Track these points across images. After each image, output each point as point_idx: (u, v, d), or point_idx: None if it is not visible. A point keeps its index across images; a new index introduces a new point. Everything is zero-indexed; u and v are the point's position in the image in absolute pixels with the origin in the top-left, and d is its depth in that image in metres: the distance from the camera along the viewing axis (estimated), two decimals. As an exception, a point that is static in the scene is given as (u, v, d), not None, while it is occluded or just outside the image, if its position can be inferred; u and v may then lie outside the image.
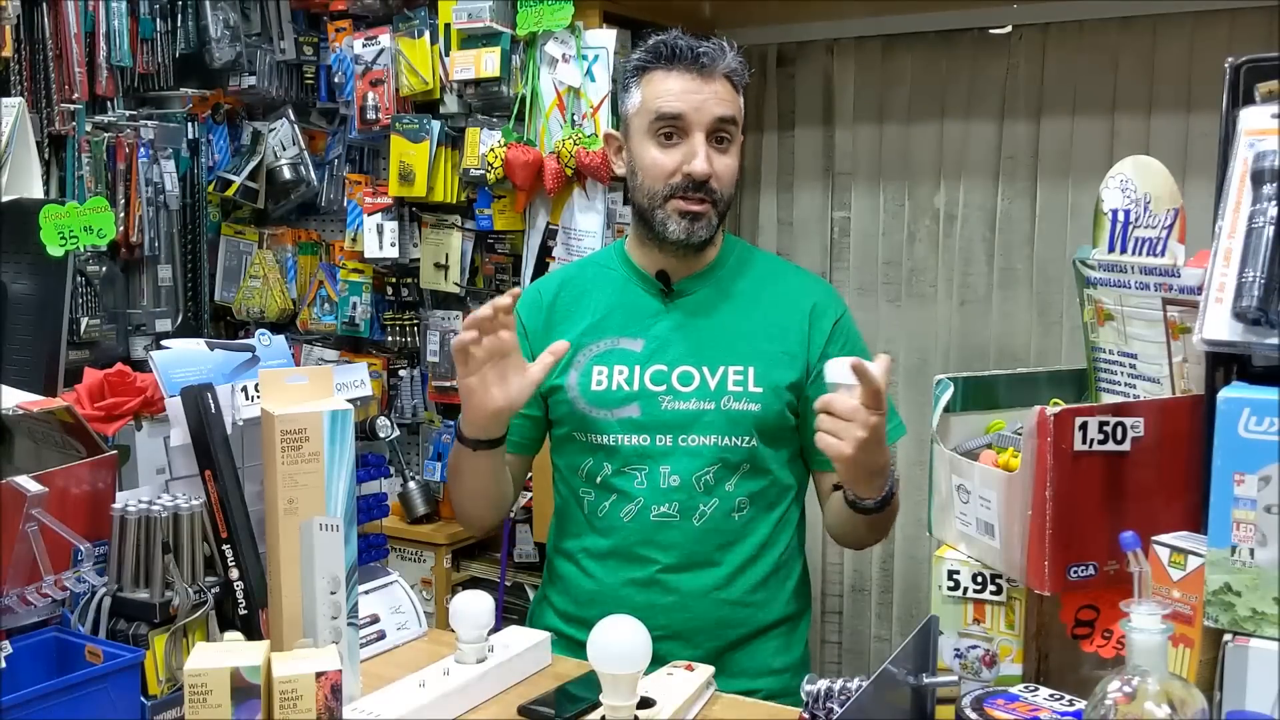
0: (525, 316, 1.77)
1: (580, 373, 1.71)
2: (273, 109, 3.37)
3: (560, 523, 1.80)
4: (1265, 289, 1.04)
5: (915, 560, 3.03)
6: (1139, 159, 1.31)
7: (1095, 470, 1.18)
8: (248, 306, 3.39)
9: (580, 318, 1.75)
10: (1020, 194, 2.90)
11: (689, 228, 1.65)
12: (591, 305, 1.75)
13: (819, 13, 3.04)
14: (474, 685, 1.40)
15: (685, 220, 1.65)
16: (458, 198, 3.04)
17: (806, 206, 3.19)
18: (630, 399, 1.68)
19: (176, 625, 1.31)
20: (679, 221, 1.65)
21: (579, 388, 1.71)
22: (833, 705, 1.27)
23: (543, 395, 1.75)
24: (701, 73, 1.64)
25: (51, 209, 1.70)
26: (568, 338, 1.73)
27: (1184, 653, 1.06)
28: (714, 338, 1.70)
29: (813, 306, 1.73)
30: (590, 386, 1.70)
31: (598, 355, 1.72)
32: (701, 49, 1.65)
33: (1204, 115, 2.64)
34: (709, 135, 1.64)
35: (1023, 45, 2.87)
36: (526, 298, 1.81)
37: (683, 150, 1.64)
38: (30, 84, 2.81)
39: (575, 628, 1.70)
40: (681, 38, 1.67)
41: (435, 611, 2.92)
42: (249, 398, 1.45)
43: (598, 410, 1.69)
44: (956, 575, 1.30)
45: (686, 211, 1.65)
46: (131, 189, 2.99)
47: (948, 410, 1.41)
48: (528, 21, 2.83)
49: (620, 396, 1.69)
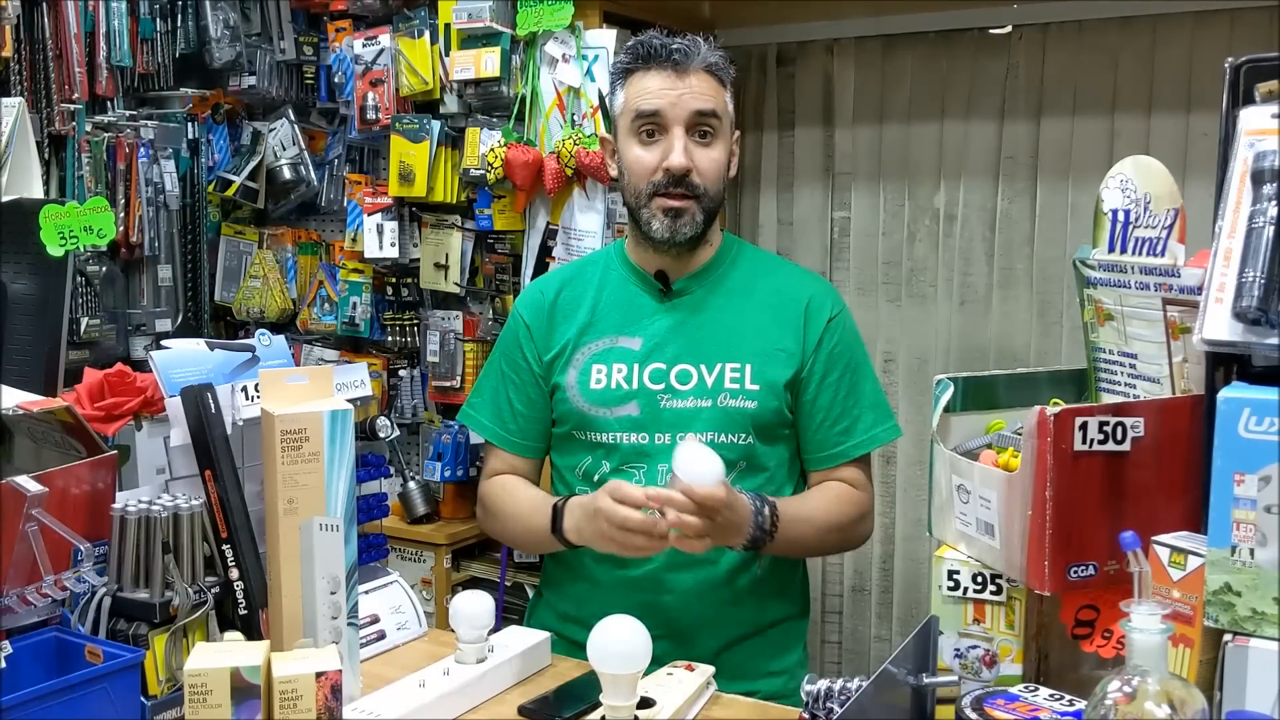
0: (528, 316, 1.78)
1: (579, 371, 1.72)
2: (273, 109, 3.37)
3: None
4: (1265, 289, 1.04)
5: (915, 560, 3.03)
6: (1139, 159, 1.31)
7: (1095, 470, 1.18)
8: (248, 306, 3.39)
9: (580, 316, 1.75)
10: (1020, 194, 2.90)
11: (672, 225, 1.66)
12: (591, 304, 1.76)
13: (819, 13, 3.04)
14: (474, 685, 1.40)
15: (668, 218, 1.66)
16: (458, 198, 3.04)
17: (806, 206, 3.19)
18: (629, 397, 1.69)
19: (176, 625, 1.31)
20: (662, 219, 1.66)
21: (578, 386, 1.71)
22: (833, 705, 1.27)
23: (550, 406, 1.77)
24: (676, 69, 1.65)
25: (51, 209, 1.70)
26: (567, 336, 1.73)
27: (1184, 653, 1.06)
28: (712, 336, 1.70)
29: (808, 303, 1.73)
30: (589, 385, 1.70)
31: (596, 354, 1.72)
32: (674, 45, 1.66)
33: (1204, 115, 2.64)
34: (689, 130, 1.65)
35: (1023, 45, 2.87)
36: (528, 297, 1.82)
37: (663, 147, 1.65)
38: (30, 84, 2.80)
39: (574, 628, 1.70)
40: (657, 37, 1.68)
41: (435, 611, 2.91)
42: (249, 398, 1.45)
43: (597, 409, 1.70)
44: (956, 575, 1.30)
45: (669, 208, 1.65)
46: (131, 189, 2.98)
47: (948, 410, 1.41)
48: (528, 21, 2.83)
49: (619, 395, 1.69)
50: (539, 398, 1.76)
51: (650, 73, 1.66)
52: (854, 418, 1.72)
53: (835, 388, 1.71)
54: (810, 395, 1.71)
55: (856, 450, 1.72)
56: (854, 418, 1.72)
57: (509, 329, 1.82)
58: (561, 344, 1.74)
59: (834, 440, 1.72)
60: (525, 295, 1.86)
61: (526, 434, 1.78)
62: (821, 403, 1.71)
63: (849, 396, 1.72)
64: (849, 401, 1.72)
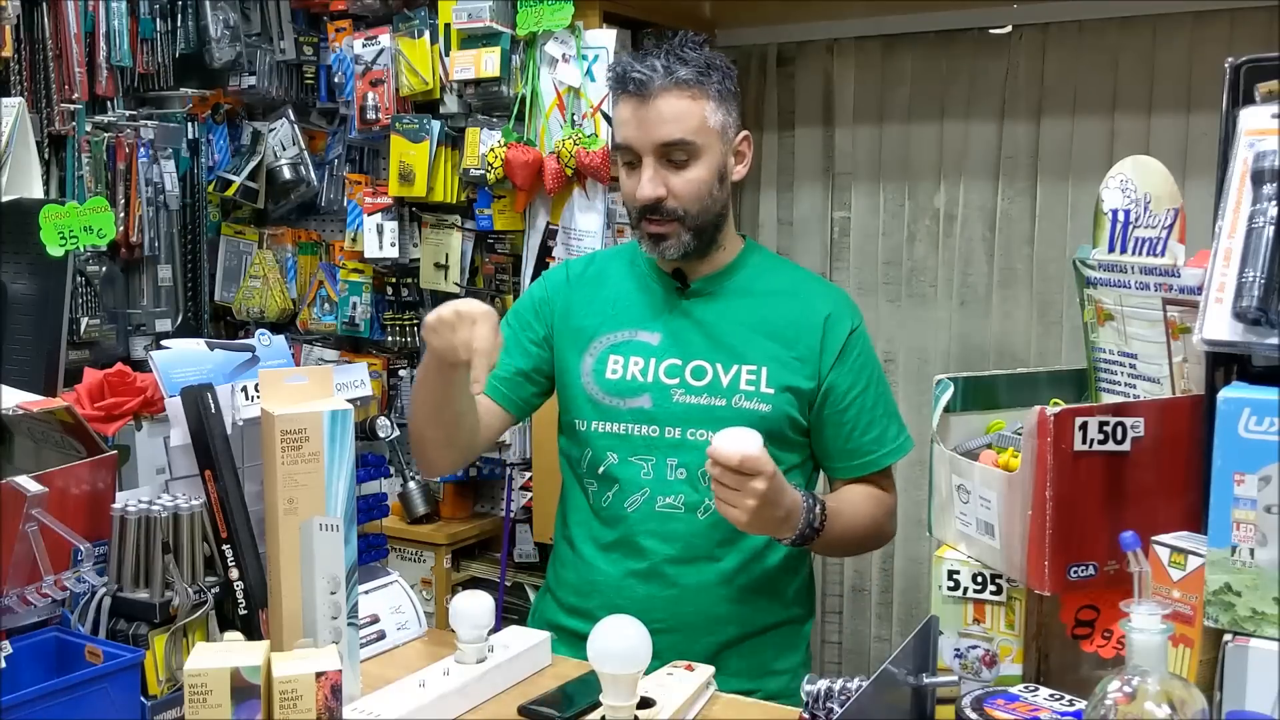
0: (551, 288, 1.82)
1: (595, 359, 1.73)
2: (273, 109, 3.37)
3: (565, 511, 1.81)
4: (1265, 289, 1.04)
5: (915, 560, 3.03)
6: (1139, 159, 1.31)
7: (1095, 470, 1.18)
8: (248, 306, 3.39)
9: (600, 305, 1.77)
10: (1020, 194, 2.90)
11: (656, 248, 1.68)
12: (612, 294, 1.78)
13: (819, 13, 3.05)
14: (474, 685, 1.40)
15: (652, 242, 1.68)
16: (458, 198, 3.04)
17: (806, 206, 3.19)
18: (643, 390, 1.69)
19: (176, 625, 1.31)
20: (649, 243, 1.69)
21: (593, 374, 1.72)
22: (833, 705, 1.27)
23: (542, 371, 1.77)
24: (641, 95, 1.62)
25: (51, 209, 1.70)
26: (586, 323, 1.75)
27: (1184, 653, 1.06)
28: (730, 336, 1.71)
29: (828, 316, 1.73)
30: (605, 374, 1.72)
31: (614, 345, 1.73)
32: (634, 72, 1.62)
33: (1204, 115, 2.64)
34: (659, 158, 1.64)
35: (1023, 45, 2.87)
36: (554, 273, 1.86)
37: (639, 175, 1.66)
38: (30, 84, 2.81)
39: (577, 619, 1.70)
40: (626, 60, 1.66)
41: (435, 611, 2.92)
42: (249, 398, 1.45)
43: (610, 398, 1.71)
44: (956, 575, 1.30)
45: (652, 234, 1.67)
46: (131, 189, 2.99)
47: (948, 410, 1.41)
48: (528, 21, 2.83)
49: (634, 386, 1.70)
50: (531, 354, 1.77)
51: (622, 101, 1.66)
52: (883, 426, 1.73)
53: (863, 398, 1.72)
54: (840, 406, 1.71)
55: (888, 458, 1.74)
56: (883, 426, 1.73)
57: (529, 294, 1.85)
58: (580, 324, 1.75)
59: (866, 449, 1.72)
60: (551, 271, 1.90)
61: (501, 380, 1.75)
62: (851, 414, 1.71)
63: (876, 406, 1.73)
64: (877, 410, 1.73)
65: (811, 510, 1.57)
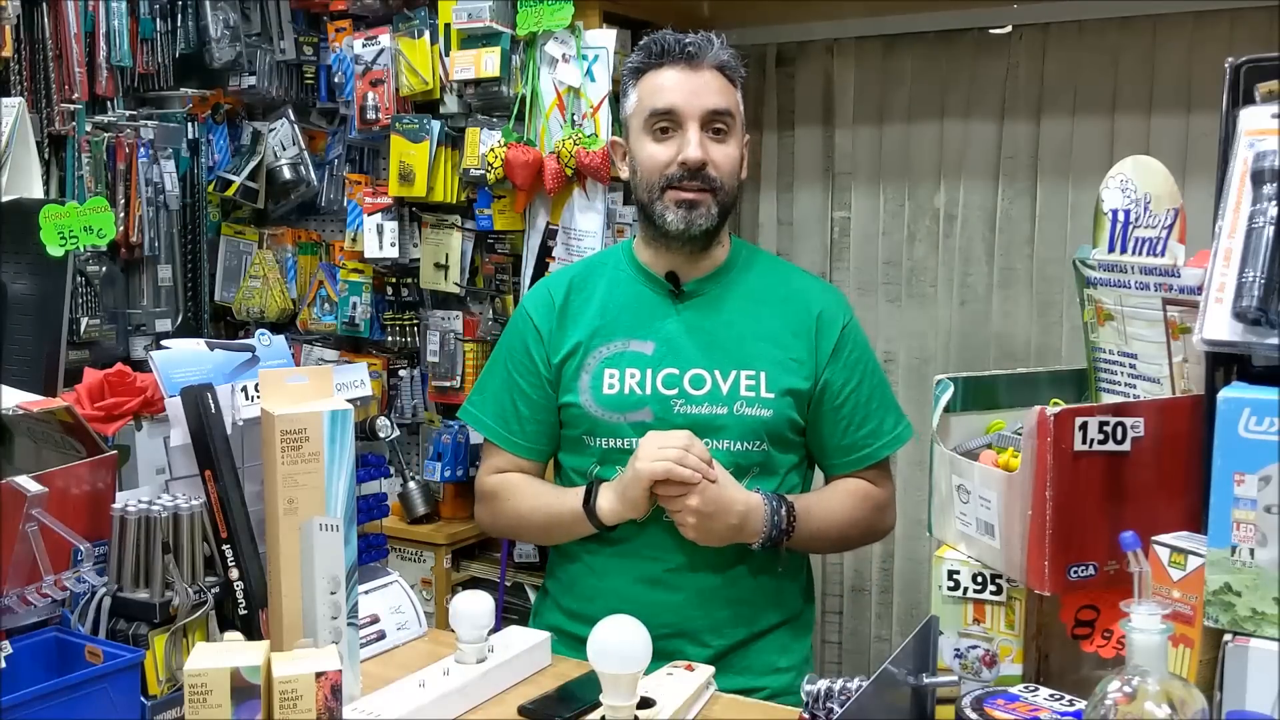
0: (537, 318, 1.77)
1: (591, 376, 1.71)
2: (273, 109, 3.37)
3: None
4: (1265, 289, 1.04)
5: (915, 560, 3.03)
6: (1139, 159, 1.31)
7: (1095, 470, 1.18)
8: (248, 306, 3.39)
9: (590, 318, 1.74)
10: (1020, 194, 2.90)
11: (687, 216, 1.65)
12: (600, 306, 1.75)
13: (819, 13, 3.04)
14: (474, 685, 1.40)
15: (682, 209, 1.65)
16: (458, 198, 3.04)
17: (806, 206, 3.19)
18: (643, 403, 1.68)
19: (176, 625, 1.31)
20: (676, 211, 1.65)
21: (590, 392, 1.70)
22: (833, 705, 1.27)
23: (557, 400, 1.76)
24: (690, 63, 1.66)
25: (51, 209, 1.70)
26: (577, 339, 1.72)
27: (1184, 653, 1.06)
28: (725, 341, 1.70)
29: (820, 313, 1.73)
30: (602, 390, 1.69)
31: (608, 358, 1.71)
32: (688, 41, 1.67)
33: (1204, 115, 2.64)
34: (704, 125, 1.65)
35: (1023, 45, 2.87)
36: (536, 298, 1.80)
37: (678, 142, 1.65)
38: (30, 84, 2.80)
39: (579, 624, 1.69)
40: (670, 34, 1.69)
41: (435, 611, 2.91)
42: (249, 398, 1.45)
43: (610, 414, 1.69)
44: (956, 575, 1.30)
45: (683, 200, 1.65)
46: (131, 189, 2.98)
47: (948, 410, 1.41)
48: (528, 21, 2.83)
49: (633, 400, 1.68)
50: (546, 401, 1.75)
51: (664, 70, 1.67)
52: (879, 419, 1.74)
53: (857, 393, 1.72)
54: (835, 403, 1.71)
55: (884, 451, 1.74)
56: (879, 419, 1.74)
57: (515, 330, 1.80)
58: (572, 346, 1.73)
59: (861, 444, 1.73)
60: (533, 296, 1.83)
61: (532, 437, 1.76)
62: (846, 409, 1.72)
63: (870, 400, 1.73)
64: (871, 405, 1.73)
65: (777, 512, 1.57)
